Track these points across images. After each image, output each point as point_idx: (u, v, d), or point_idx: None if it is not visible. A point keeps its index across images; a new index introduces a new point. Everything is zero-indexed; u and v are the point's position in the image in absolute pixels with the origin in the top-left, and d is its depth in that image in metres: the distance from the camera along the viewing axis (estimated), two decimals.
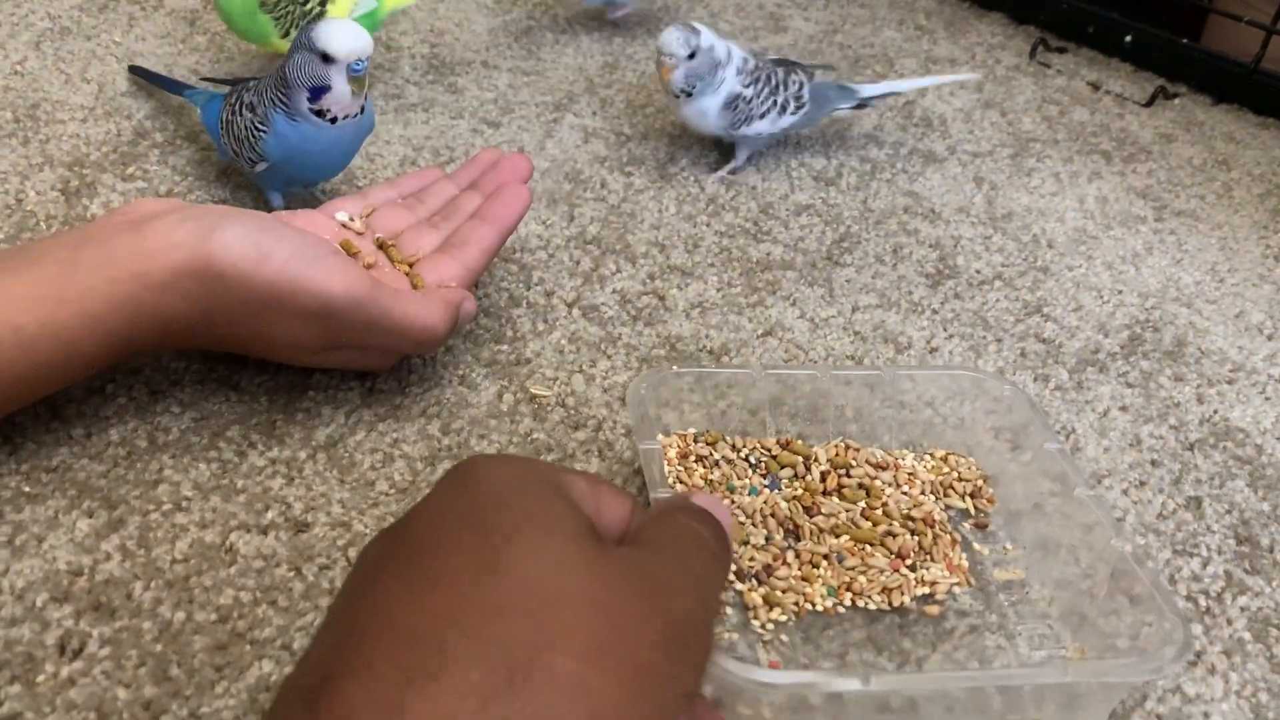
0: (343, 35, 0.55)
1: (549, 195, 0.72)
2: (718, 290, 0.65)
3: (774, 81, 0.74)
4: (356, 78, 0.56)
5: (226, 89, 0.64)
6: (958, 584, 0.47)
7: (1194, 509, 0.54)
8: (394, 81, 0.82)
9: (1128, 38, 1.04)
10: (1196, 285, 0.72)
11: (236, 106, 0.60)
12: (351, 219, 0.55)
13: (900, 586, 0.46)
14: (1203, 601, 0.48)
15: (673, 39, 0.69)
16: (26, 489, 0.45)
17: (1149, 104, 0.97)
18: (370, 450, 0.49)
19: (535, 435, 0.52)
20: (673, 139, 0.80)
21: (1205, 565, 0.50)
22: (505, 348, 0.57)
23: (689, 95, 0.72)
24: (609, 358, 0.58)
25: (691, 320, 0.62)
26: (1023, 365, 0.62)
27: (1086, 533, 0.46)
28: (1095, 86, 1.00)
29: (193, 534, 0.44)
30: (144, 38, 0.82)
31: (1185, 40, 1.01)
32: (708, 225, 0.71)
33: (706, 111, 0.73)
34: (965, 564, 0.48)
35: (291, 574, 0.43)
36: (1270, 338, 0.67)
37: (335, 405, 0.52)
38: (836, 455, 0.52)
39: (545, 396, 0.54)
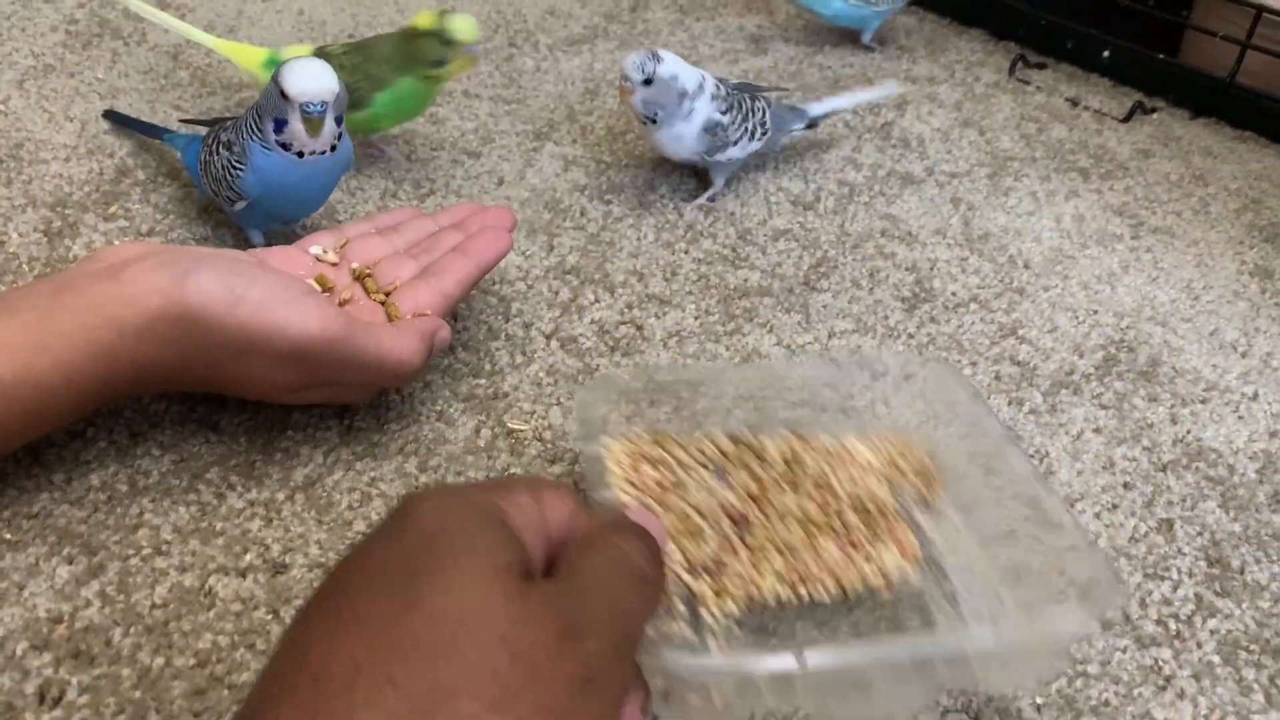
0: (300, 75, 0.56)
1: (529, 225, 0.72)
2: (695, 319, 0.66)
3: (744, 108, 0.75)
4: (309, 119, 0.57)
5: (205, 130, 0.65)
6: (910, 568, 0.47)
7: (1165, 531, 0.54)
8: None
9: (1105, 53, 1.05)
10: (1172, 303, 0.72)
11: (214, 146, 0.61)
12: (325, 252, 0.56)
13: (850, 572, 0.46)
14: (1173, 625, 0.49)
15: (630, 63, 0.70)
16: (7, 536, 0.46)
17: (1127, 119, 0.98)
18: (348, 489, 0.50)
19: (512, 470, 0.52)
20: (653, 166, 0.81)
21: (1176, 589, 0.51)
22: (483, 381, 0.58)
23: (653, 122, 0.72)
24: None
25: (669, 349, 0.63)
26: (997, 389, 0.62)
27: (1018, 487, 0.46)
28: (1074, 102, 1.00)
29: (172, 578, 0.45)
30: (126, 74, 0.83)
31: (1162, 56, 1.02)
32: (686, 252, 0.72)
33: (682, 137, 0.73)
34: (918, 548, 0.48)
35: (270, 617, 0.44)
36: (1244, 355, 0.68)
37: (314, 444, 0.52)
38: (786, 446, 0.52)
39: (522, 431, 0.55)
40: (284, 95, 0.56)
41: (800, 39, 1.07)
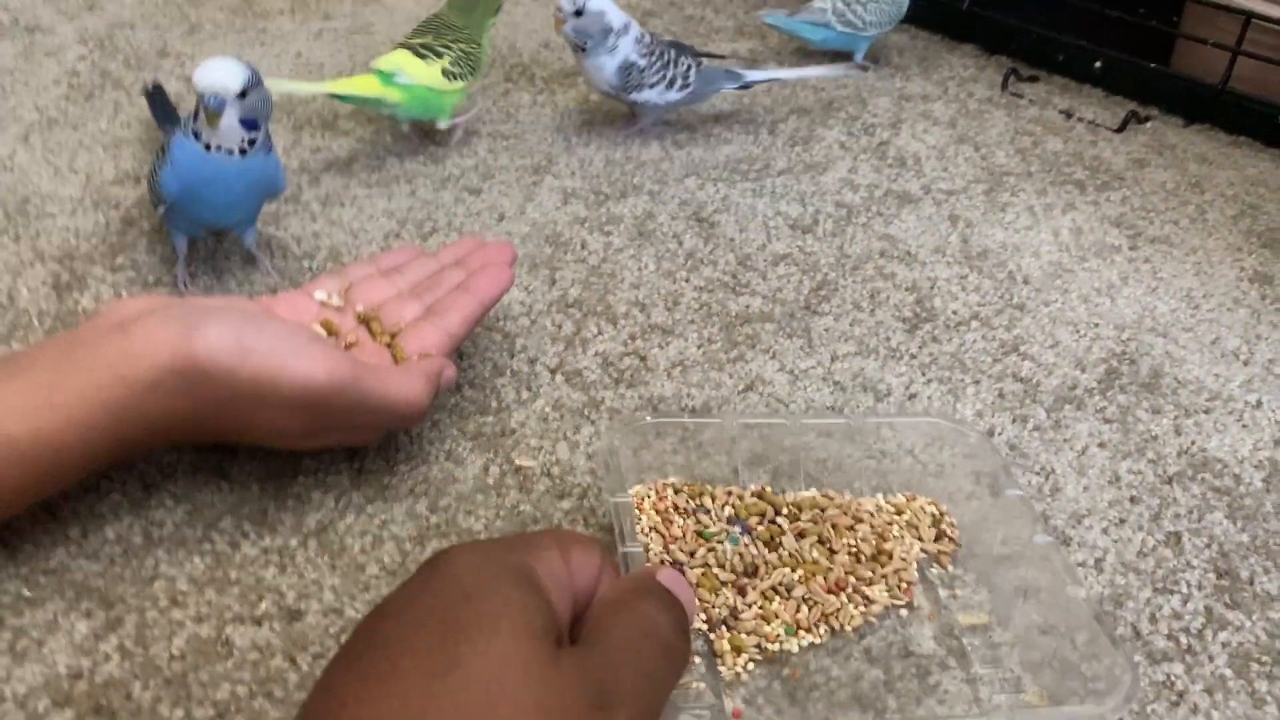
0: (204, 69, 0.59)
1: (530, 260, 0.73)
2: (698, 347, 0.66)
3: (666, 59, 0.86)
4: (207, 110, 0.59)
5: None
6: (903, 604, 0.48)
7: (1173, 544, 0.54)
8: (375, 154, 0.84)
9: (1097, 64, 1.06)
10: (1172, 313, 0.73)
11: (155, 153, 0.64)
12: (330, 296, 0.57)
13: (842, 610, 0.47)
14: (1184, 639, 0.49)
15: None
16: (26, 593, 0.46)
17: (1121, 129, 0.98)
18: (360, 533, 0.51)
19: (521, 507, 0.53)
20: (651, 195, 0.82)
21: (1185, 602, 0.51)
22: (490, 419, 0.59)
23: (584, 50, 0.83)
24: (592, 423, 0.59)
25: (673, 379, 0.63)
26: (1000, 407, 0.63)
27: (1049, 578, 0.47)
28: (1068, 114, 1.01)
29: (189, 629, 0.45)
30: (129, 124, 0.84)
31: (1154, 65, 1.03)
32: (687, 281, 0.72)
33: (603, 68, 0.84)
34: (923, 598, 0.49)
35: (287, 664, 0.44)
36: (1246, 363, 0.68)
37: (325, 489, 0.53)
38: (807, 501, 0.53)
39: (530, 467, 0.55)
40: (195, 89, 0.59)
41: (793, 62, 1.08)
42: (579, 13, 0.82)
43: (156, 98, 0.79)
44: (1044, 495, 0.57)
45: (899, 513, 0.53)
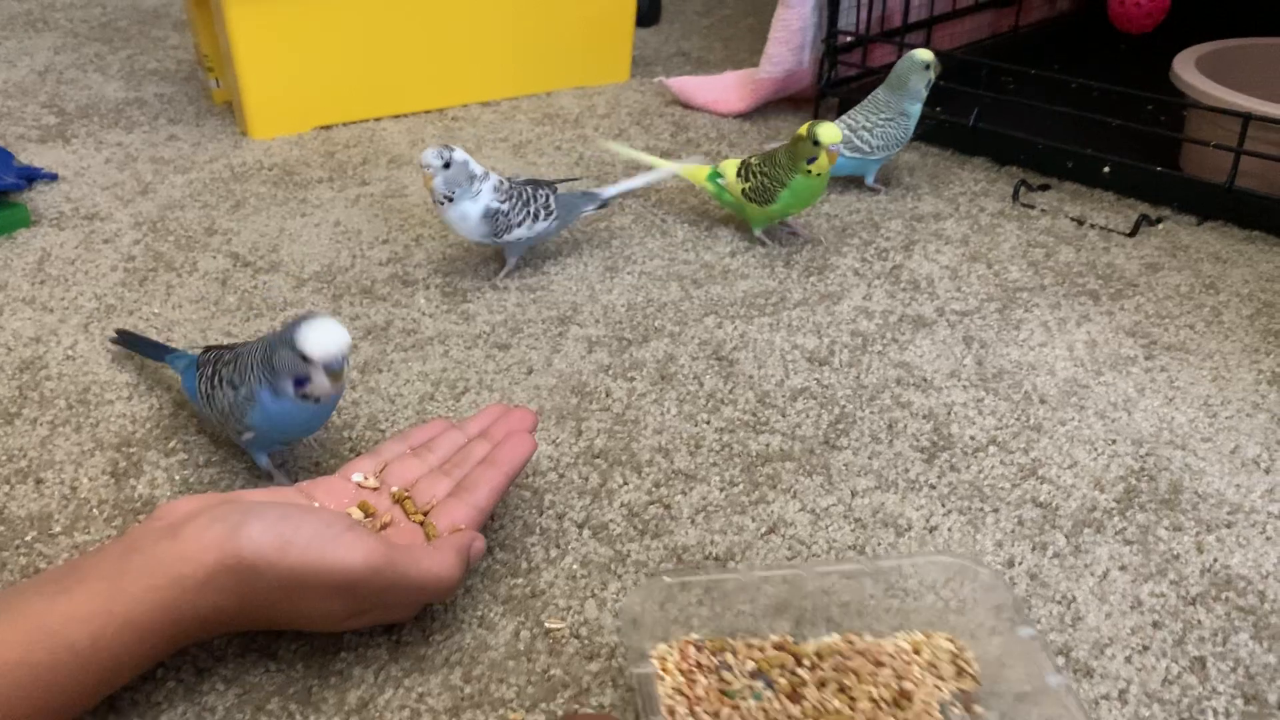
0: (319, 338, 0.60)
1: (557, 412, 0.76)
2: (720, 490, 0.68)
3: (524, 196, 0.91)
4: (333, 373, 0.61)
5: (199, 355, 0.71)
6: None
7: (1198, 670, 0.55)
8: (410, 316, 0.88)
9: (1106, 169, 1.08)
10: (1190, 423, 0.74)
11: (215, 380, 0.66)
12: (366, 478, 0.60)
13: None
14: None
15: (429, 154, 0.86)
16: None
17: (1133, 234, 1.00)
18: (399, 707, 0.53)
19: (552, 672, 0.55)
20: (672, 337, 0.85)
21: None
22: (520, 580, 0.61)
23: (450, 200, 0.87)
24: (619, 578, 0.61)
25: (696, 526, 0.65)
26: (1020, 535, 0.64)
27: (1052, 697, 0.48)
28: (1079, 221, 1.03)
29: None
30: (180, 305, 0.90)
31: (1160, 168, 1.05)
32: (708, 423, 0.75)
33: (468, 215, 0.89)
34: None
35: None
36: (1267, 471, 0.69)
37: (365, 664, 0.55)
38: (828, 648, 0.54)
39: (560, 629, 0.58)
40: (305, 358, 0.60)
41: None
42: (447, 165, 0.86)
43: (125, 339, 0.82)
44: (1065, 625, 0.58)
45: (917, 652, 0.55)
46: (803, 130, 0.93)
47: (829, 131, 0.92)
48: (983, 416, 0.75)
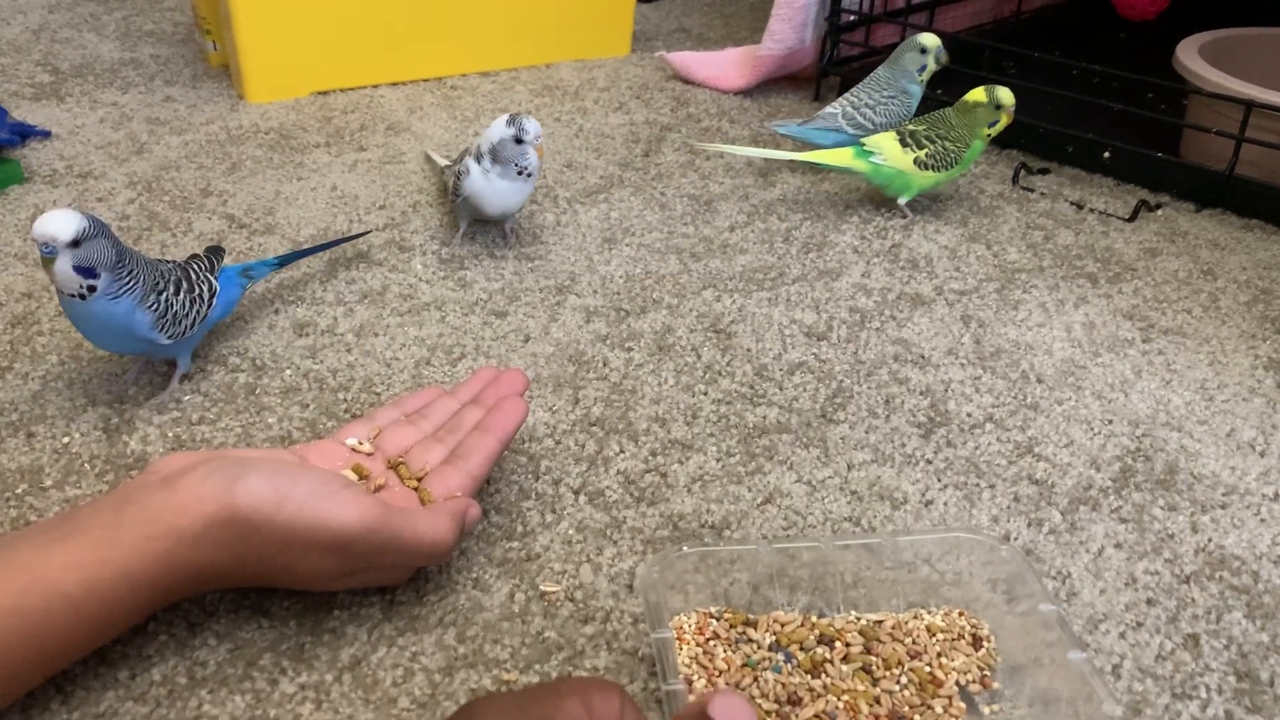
0: (40, 220, 0.63)
1: (554, 380, 0.76)
2: (717, 460, 0.68)
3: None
4: (42, 258, 0.63)
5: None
6: None
7: (1191, 647, 0.55)
8: (406, 281, 0.88)
9: (1106, 154, 1.08)
10: (1187, 406, 0.74)
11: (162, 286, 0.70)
12: (360, 443, 0.60)
13: None
14: None
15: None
16: None
17: (1132, 218, 1.00)
18: (391, 666, 0.53)
19: (546, 634, 0.55)
20: (670, 309, 0.85)
21: (1205, 708, 0.52)
22: (516, 544, 0.61)
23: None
24: (614, 544, 0.61)
25: (693, 495, 0.65)
26: (1016, 511, 0.64)
27: (1085, 698, 0.48)
28: (1079, 206, 1.03)
29: None
30: None
31: (1161, 154, 1.05)
32: (705, 394, 0.75)
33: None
34: None
35: None
36: (1262, 454, 0.69)
37: (358, 622, 0.55)
38: (847, 625, 0.54)
39: (554, 592, 0.57)
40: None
41: (806, 170, 1.11)
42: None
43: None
44: (1060, 600, 0.58)
45: (936, 632, 0.54)
46: (980, 95, 0.94)
47: (1009, 95, 0.94)
48: (980, 394, 0.75)
